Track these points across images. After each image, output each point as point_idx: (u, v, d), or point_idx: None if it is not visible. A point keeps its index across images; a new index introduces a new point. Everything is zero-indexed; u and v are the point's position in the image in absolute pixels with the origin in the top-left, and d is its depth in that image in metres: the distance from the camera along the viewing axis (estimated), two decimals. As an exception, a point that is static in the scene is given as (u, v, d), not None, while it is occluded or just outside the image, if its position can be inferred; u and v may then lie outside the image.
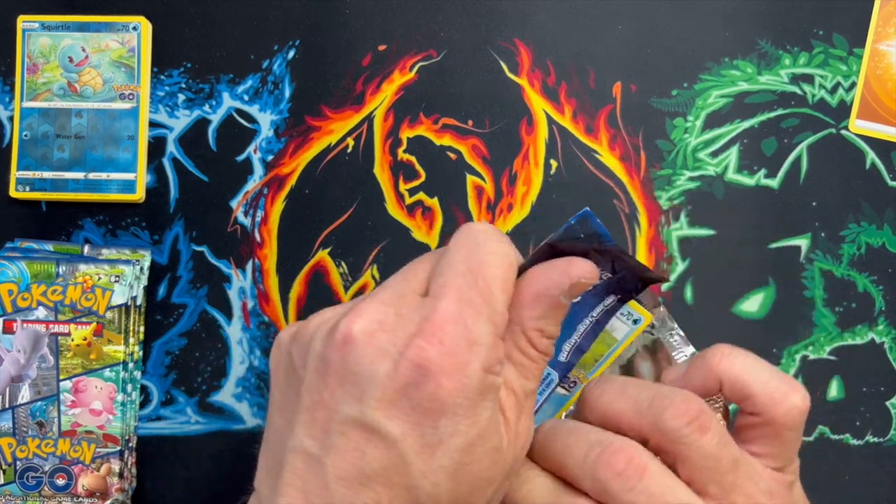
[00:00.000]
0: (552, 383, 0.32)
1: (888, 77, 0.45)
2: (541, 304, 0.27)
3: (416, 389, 0.24)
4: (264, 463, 0.27)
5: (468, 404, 0.24)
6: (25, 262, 0.43)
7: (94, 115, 0.45)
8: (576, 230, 0.28)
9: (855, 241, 0.45)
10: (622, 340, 0.33)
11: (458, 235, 0.27)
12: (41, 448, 0.43)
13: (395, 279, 0.27)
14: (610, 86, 0.45)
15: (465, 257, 0.26)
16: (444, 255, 0.27)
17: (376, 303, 0.25)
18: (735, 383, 0.28)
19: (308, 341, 0.26)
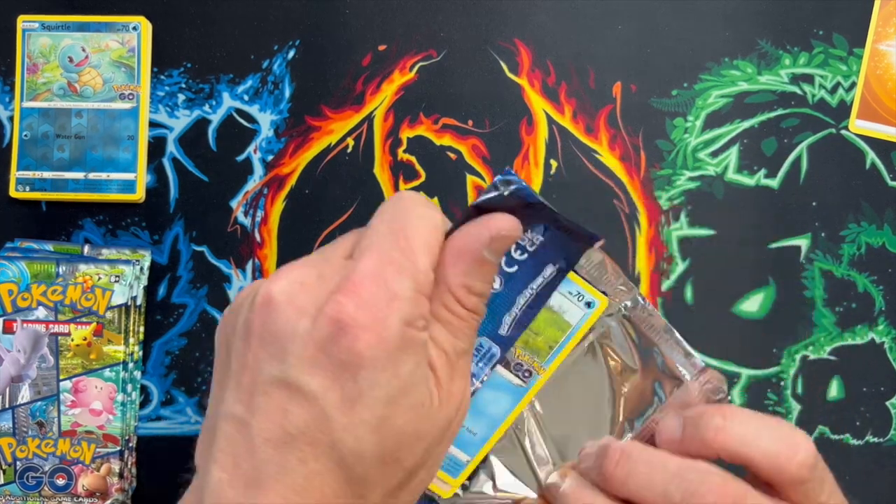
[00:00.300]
0: (493, 357, 0.31)
1: (888, 77, 0.45)
2: (463, 260, 0.27)
3: (334, 343, 0.24)
4: (202, 437, 0.28)
5: (387, 357, 0.24)
6: (25, 262, 0.43)
7: (94, 115, 0.45)
8: (500, 192, 0.28)
9: (855, 241, 0.45)
10: (577, 326, 0.33)
11: (385, 203, 0.27)
12: (41, 448, 0.43)
13: (323, 248, 0.28)
14: (610, 86, 0.45)
15: (389, 220, 0.26)
16: (370, 222, 0.27)
17: (299, 265, 0.26)
18: (736, 458, 0.28)
19: (237, 309, 0.26)
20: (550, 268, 0.30)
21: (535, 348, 0.32)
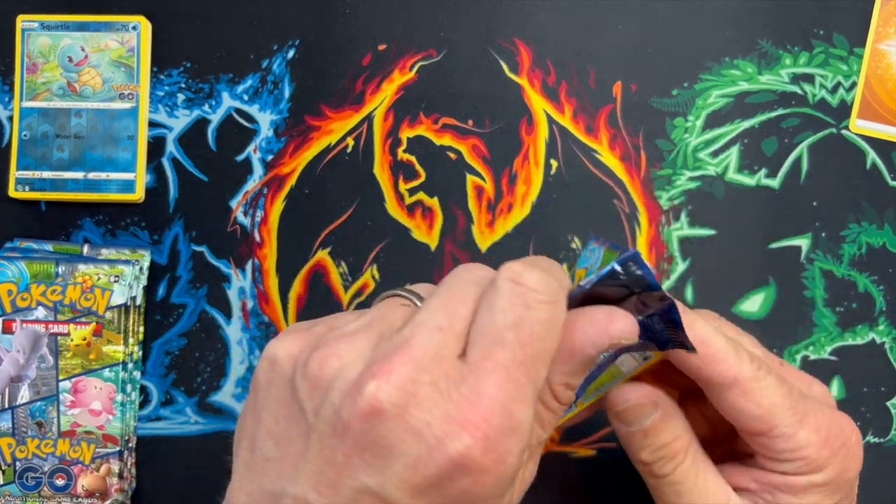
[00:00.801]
0: None
1: (889, 77, 0.45)
2: (574, 361, 0.26)
3: (451, 483, 0.22)
4: (248, 486, 0.25)
5: (500, 492, 0.24)
6: (25, 262, 0.43)
7: (93, 115, 0.45)
8: (617, 274, 0.26)
9: (855, 241, 0.45)
10: (626, 373, 0.33)
11: (504, 289, 0.24)
12: (40, 448, 0.43)
13: (429, 318, 0.24)
14: (610, 85, 0.45)
15: (514, 325, 0.24)
16: (489, 309, 0.24)
17: (409, 363, 0.23)
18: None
19: (324, 388, 0.24)
20: (631, 360, 0.31)
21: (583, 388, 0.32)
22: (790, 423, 0.30)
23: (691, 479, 0.31)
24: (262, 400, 0.26)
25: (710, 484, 0.31)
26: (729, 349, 0.30)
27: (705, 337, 0.30)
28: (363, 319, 0.26)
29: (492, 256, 0.45)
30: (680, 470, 0.31)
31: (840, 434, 0.30)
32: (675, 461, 0.31)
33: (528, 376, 0.24)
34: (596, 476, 0.45)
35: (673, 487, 0.31)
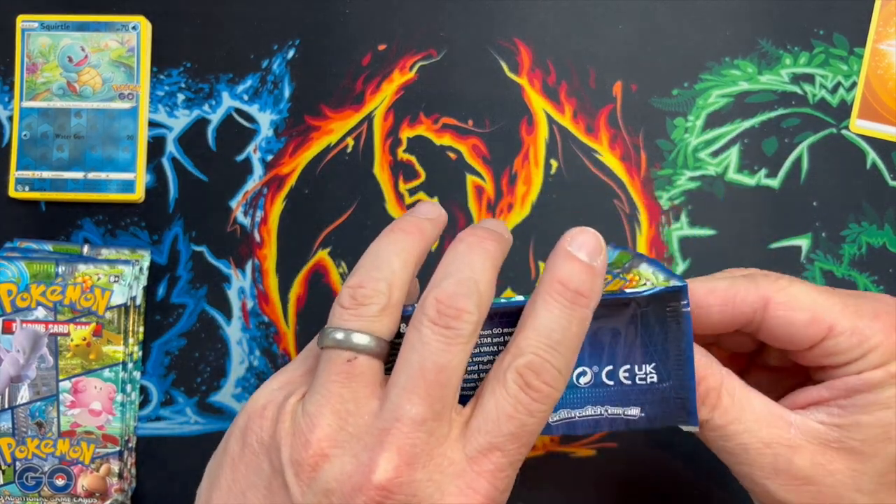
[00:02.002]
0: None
1: (889, 77, 0.45)
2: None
3: None
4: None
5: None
6: (25, 262, 0.43)
7: (93, 115, 0.45)
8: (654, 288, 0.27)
9: (856, 242, 0.45)
10: None
11: (512, 392, 0.26)
12: (40, 448, 0.43)
13: (404, 413, 0.25)
14: (610, 85, 0.45)
15: (515, 434, 0.26)
16: (494, 408, 0.26)
17: (404, 464, 0.24)
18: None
19: (322, 487, 0.25)
20: (636, 410, 0.28)
21: None
22: (846, 315, 0.28)
23: (734, 418, 0.29)
24: (236, 457, 0.27)
25: (758, 414, 0.29)
26: (738, 279, 0.29)
27: (708, 287, 0.29)
28: (330, 402, 0.26)
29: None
30: (718, 413, 0.29)
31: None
32: (708, 405, 0.29)
33: (517, 466, 0.26)
34: (596, 476, 0.45)
35: (717, 433, 0.29)
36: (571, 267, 0.26)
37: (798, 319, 0.28)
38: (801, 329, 0.28)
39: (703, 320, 0.30)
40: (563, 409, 0.28)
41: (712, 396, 0.29)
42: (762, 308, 0.29)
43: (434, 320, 0.25)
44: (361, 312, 0.26)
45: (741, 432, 0.28)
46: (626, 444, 0.45)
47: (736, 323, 0.29)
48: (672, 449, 0.45)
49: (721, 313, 0.29)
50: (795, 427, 0.28)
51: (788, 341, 0.29)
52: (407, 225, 0.29)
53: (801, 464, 0.28)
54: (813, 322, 0.28)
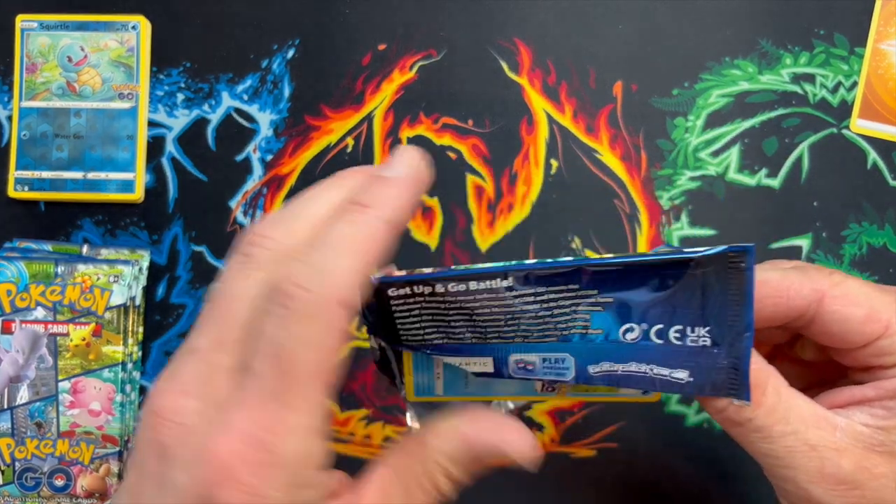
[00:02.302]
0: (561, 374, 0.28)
1: (889, 76, 0.45)
2: (468, 459, 0.25)
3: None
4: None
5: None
6: (24, 263, 0.43)
7: (92, 115, 0.45)
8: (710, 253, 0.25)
9: (856, 242, 0.45)
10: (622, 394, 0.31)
11: (275, 314, 0.22)
12: (40, 449, 0.43)
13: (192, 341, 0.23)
14: (610, 85, 0.45)
15: (273, 351, 0.22)
16: (260, 325, 0.22)
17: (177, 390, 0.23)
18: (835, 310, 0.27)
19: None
20: (684, 374, 0.27)
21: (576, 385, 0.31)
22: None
23: (780, 418, 0.27)
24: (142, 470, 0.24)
25: (805, 415, 0.27)
26: (789, 272, 0.28)
27: (760, 279, 0.28)
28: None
29: (492, 256, 0.45)
30: (763, 412, 0.27)
31: None
32: (752, 402, 0.27)
33: (288, 402, 0.21)
34: (596, 476, 0.45)
35: (761, 433, 0.27)
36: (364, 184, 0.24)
37: (854, 315, 0.27)
38: (856, 326, 0.27)
39: (758, 314, 0.28)
40: (605, 362, 0.27)
41: (757, 393, 0.27)
42: (817, 302, 0.27)
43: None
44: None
45: (787, 434, 0.27)
46: (627, 444, 0.45)
47: (788, 316, 0.28)
48: (672, 449, 0.45)
49: (774, 306, 0.28)
50: (841, 430, 0.27)
51: (841, 338, 0.28)
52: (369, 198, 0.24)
53: (847, 468, 0.27)
54: (869, 319, 0.27)
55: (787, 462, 0.27)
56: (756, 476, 0.45)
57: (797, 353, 0.32)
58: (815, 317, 0.28)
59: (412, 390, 0.31)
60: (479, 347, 0.28)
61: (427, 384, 0.30)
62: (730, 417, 0.28)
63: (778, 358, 0.32)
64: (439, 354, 0.28)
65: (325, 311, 0.22)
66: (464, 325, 0.28)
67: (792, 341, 0.32)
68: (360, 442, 0.45)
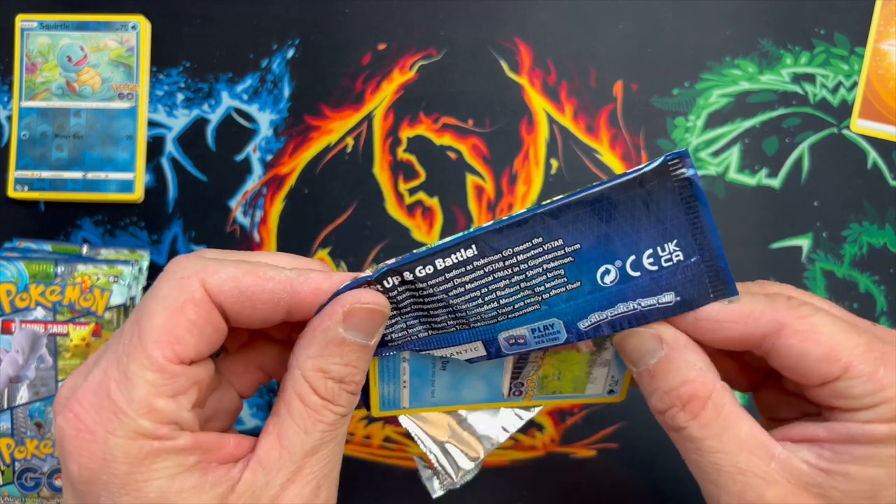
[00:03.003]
0: (554, 340, 0.28)
1: (890, 76, 0.45)
2: (314, 341, 0.25)
3: (64, 471, 0.23)
4: None
5: (120, 479, 0.23)
6: (24, 263, 0.42)
7: (92, 115, 0.45)
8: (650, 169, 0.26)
9: (857, 241, 0.45)
10: (587, 396, 0.32)
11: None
12: (40, 449, 0.43)
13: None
14: (611, 85, 0.45)
15: (136, 309, 0.25)
16: None
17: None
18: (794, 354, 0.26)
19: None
20: (671, 296, 0.27)
21: (543, 384, 0.31)
22: (866, 359, 0.26)
23: (713, 434, 0.27)
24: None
25: (742, 438, 0.27)
26: (758, 297, 0.27)
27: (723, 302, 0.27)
28: None
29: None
30: (698, 423, 0.27)
31: None
32: (689, 412, 0.27)
33: (132, 355, 0.24)
34: (596, 476, 0.45)
35: (692, 444, 0.27)
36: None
37: (811, 353, 0.26)
38: (812, 364, 0.26)
39: (710, 335, 0.28)
40: (593, 313, 0.27)
41: (696, 405, 0.27)
42: (774, 334, 0.27)
43: None
44: None
45: (717, 451, 0.27)
46: (627, 444, 0.45)
47: (746, 343, 0.28)
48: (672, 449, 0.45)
49: (731, 330, 0.27)
50: (777, 461, 0.26)
51: (798, 373, 0.27)
52: None
53: (771, 500, 0.26)
54: (827, 359, 0.26)
55: (714, 479, 0.27)
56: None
57: (782, 383, 0.32)
58: (773, 348, 0.27)
59: (377, 404, 0.30)
60: (465, 334, 0.28)
61: (392, 395, 0.30)
62: (666, 421, 0.28)
63: (767, 385, 0.32)
64: (427, 348, 0.28)
65: (179, 284, 0.24)
66: (444, 313, 0.27)
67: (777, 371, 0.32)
68: (360, 442, 0.45)
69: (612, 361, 0.30)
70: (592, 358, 0.30)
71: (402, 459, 0.45)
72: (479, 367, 0.30)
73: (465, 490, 0.45)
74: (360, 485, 0.45)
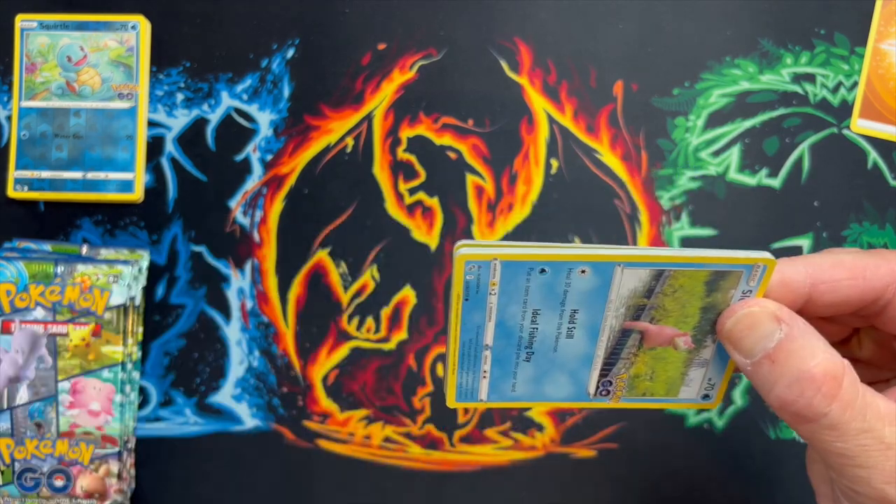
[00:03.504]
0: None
1: (890, 76, 0.45)
2: None
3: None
4: None
5: None
6: (23, 263, 0.42)
7: (92, 115, 0.45)
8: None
9: (857, 241, 0.45)
10: (677, 401, 0.31)
11: None
12: (39, 449, 0.43)
13: None
14: (611, 85, 0.45)
15: None
16: None
17: None
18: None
19: None
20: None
21: (633, 384, 0.30)
22: None
23: (857, 414, 0.25)
24: None
25: (882, 412, 0.25)
26: (863, 253, 0.26)
27: (835, 260, 0.27)
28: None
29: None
30: (840, 406, 0.25)
31: None
32: (827, 395, 0.25)
33: None
34: (596, 476, 0.45)
35: (835, 431, 0.25)
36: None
37: None
38: None
39: (828, 297, 0.26)
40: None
41: (832, 386, 0.24)
42: (895, 283, 0.26)
43: None
44: None
45: (863, 431, 0.25)
46: (627, 444, 0.45)
47: (864, 299, 0.26)
48: (672, 450, 0.45)
49: (850, 287, 0.26)
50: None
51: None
52: None
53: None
54: None
55: (861, 461, 0.25)
56: (755, 476, 0.45)
57: (852, 352, 0.30)
58: (891, 300, 0.26)
59: (454, 394, 0.29)
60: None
61: (471, 385, 0.29)
62: (800, 412, 0.25)
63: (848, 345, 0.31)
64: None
65: None
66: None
67: (848, 339, 0.31)
68: (360, 442, 0.45)
69: (711, 362, 0.29)
70: (690, 357, 0.29)
71: (403, 459, 0.45)
72: (566, 362, 0.29)
73: (465, 490, 0.45)
74: (360, 485, 0.45)
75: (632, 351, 0.29)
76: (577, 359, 0.29)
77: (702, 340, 0.29)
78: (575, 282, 0.27)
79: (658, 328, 0.28)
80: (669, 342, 0.29)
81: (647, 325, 0.28)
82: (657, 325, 0.28)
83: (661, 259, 0.26)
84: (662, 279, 0.27)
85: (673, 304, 0.27)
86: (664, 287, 0.27)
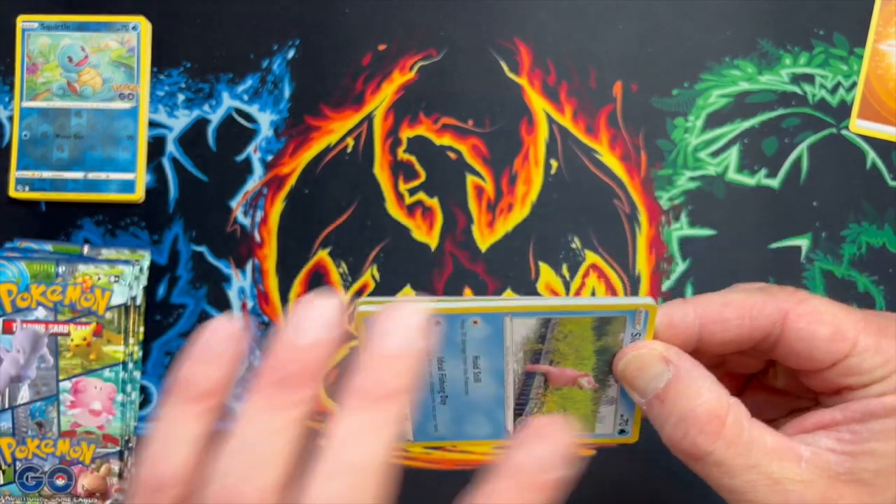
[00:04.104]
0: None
1: (889, 77, 0.45)
2: None
3: None
4: None
5: None
6: (25, 263, 0.43)
7: (93, 115, 0.45)
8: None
9: (856, 242, 0.45)
10: (593, 435, 0.31)
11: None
12: (41, 448, 0.43)
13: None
14: (610, 85, 0.45)
15: None
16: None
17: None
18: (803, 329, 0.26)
19: None
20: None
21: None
22: (870, 332, 0.26)
23: (742, 451, 0.26)
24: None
25: (768, 447, 0.26)
26: (753, 292, 0.27)
27: (724, 300, 0.27)
28: None
29: (492, 256, 0.45)
30: (723, 444, 0.26)
31: None
32: (710, 433, 0.26)
33: None
34: (596, 476, 0.45)
35: (721, 468, 0.26)
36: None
37: (820, 333, 0.26)
38: (823, 344, 0.26)
39: (719, 336, 0.27)
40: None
41: (715, 424, 0.26)
42: (781, 321, 0.27)
43: None
44: None
45: (749, 467, 0.26)
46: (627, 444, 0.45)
47: (753, 338, 0.27)
48: (672, 449, 0.45)
49: (739, 327, 0.27)
50: (806, 461, 0.26)
51: (808, 357, 0.27)
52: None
53: (812, 501, 0.25)
54: (836, 337, 0.26)
55: (751, 497, 0.26)
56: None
57: (770, 382, 0.31)
58: (780, 336, 0.27)
59: None
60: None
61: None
62: (687, 450, 0.26)
63: (750, 388, 0.32)
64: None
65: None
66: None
67: (765, 370, 0.31)
68: (361, 441, 0.45)
69: (619, 399, 0.30)
70: (597, 395, 0.30)
71: (402, 459, 0.45)
72: (479, 404, 0.29)
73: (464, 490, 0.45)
74: (360, 484, 0.45)
75: (539, 392, 0.29)
76: (490, 400, 0.29)
77: (604, 380, 0.29)
78: (470, 331, 0.27)
79: (559, 370, 0.29)
80: (573, 382, 0.29)
81: (548, 368, 0.28)
82: (557, 367, 0.28)
83: (546, 308, 0.27)
84: (551, 326, 0.27)
85: (567, 348, 0.28)
86: (555, 333, 0.27)
